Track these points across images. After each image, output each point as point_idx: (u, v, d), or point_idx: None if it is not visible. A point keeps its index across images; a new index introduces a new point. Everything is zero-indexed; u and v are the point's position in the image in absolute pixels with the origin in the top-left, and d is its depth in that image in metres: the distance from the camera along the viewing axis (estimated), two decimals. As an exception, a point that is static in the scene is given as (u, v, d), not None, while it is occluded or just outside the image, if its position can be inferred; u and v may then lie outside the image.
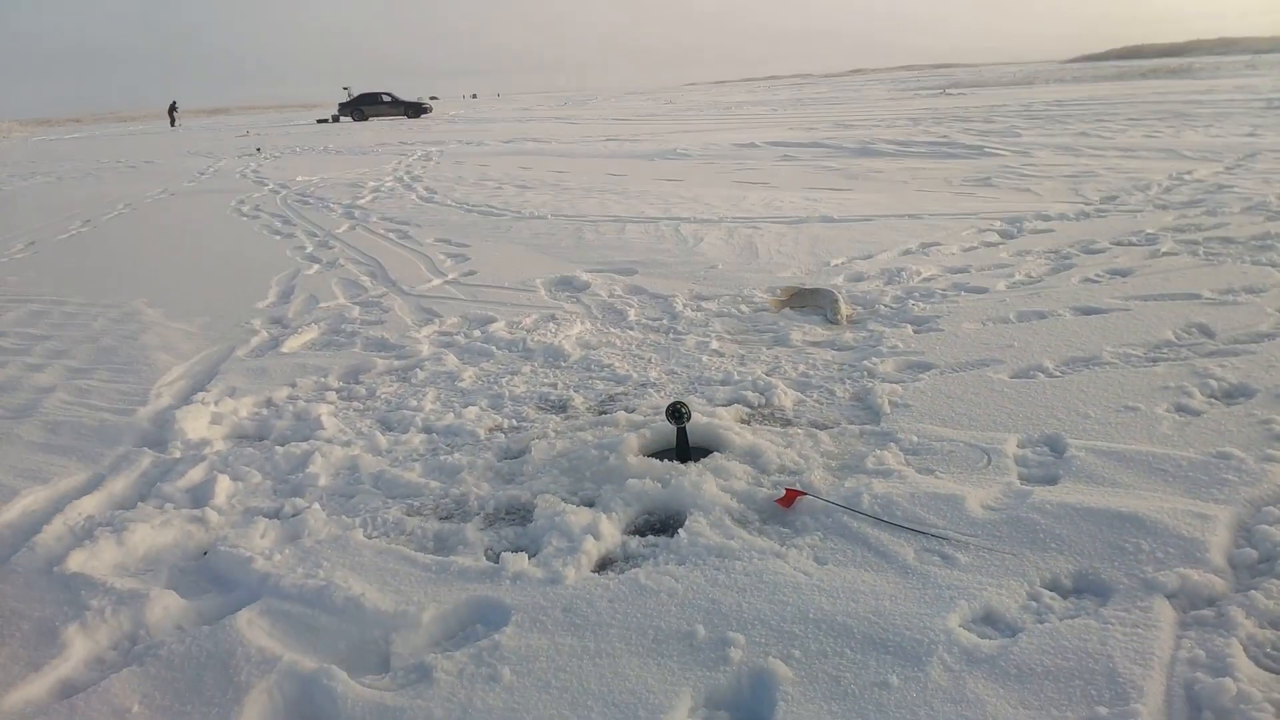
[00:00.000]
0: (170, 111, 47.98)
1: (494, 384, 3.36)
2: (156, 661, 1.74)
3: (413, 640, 1.80)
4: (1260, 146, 9.52)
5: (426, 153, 16.36)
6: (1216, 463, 2.29)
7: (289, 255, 6.38)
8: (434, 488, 2.49)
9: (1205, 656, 1.58)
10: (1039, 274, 4.56)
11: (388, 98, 44.88)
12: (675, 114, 27.50)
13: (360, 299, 4.87)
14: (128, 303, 4.95)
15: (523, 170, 11.69)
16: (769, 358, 3.48)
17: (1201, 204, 6.24)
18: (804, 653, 1.66)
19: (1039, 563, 1.91)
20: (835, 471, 2.43)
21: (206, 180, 13.18)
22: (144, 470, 2.70)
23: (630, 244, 6.02)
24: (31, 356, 3.99)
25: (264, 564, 2.06)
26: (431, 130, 26.20)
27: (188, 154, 20.31)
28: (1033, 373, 3.09)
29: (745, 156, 11.82)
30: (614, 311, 4.32)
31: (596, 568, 2.04)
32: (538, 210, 7.87)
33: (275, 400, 3.29)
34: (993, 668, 1.58)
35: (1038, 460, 2.43)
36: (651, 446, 2.68)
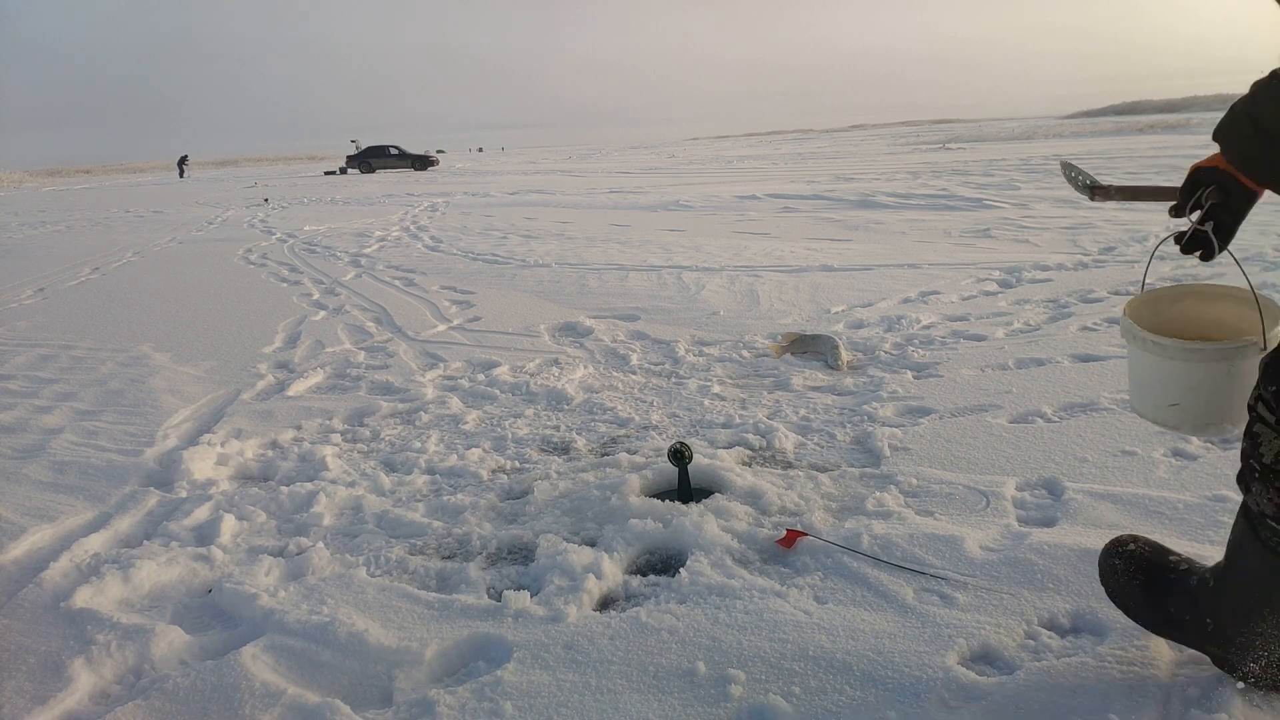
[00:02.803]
0: (180, 164, 48.67)
1: (497, 426, 3.39)
2: (161, 695, 1.75)
3: (415, 676, 1.81)
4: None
5: (433, 204, 16.58)
6: (1212, 505, 2.31)
7: (295, 302, 6.46)
8: (437, 527, 2.51)
9: (1200, 695, 1.59)
10: (1037, 322, 4.61)
11: (395, 151, 45.52)
12: (678, 167, 27.87)
13: (366, 344, 4.93)
14: (135, 347, 5.01)
15: (527, 221, 11.84)
16: (770, 402, 3.52)
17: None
18: (804, 689, 1.67)
19: (1036, 602, 1.92)
20: (835, 513, 2.45)
21: (214, 229, 13.35)
22: (150, 509, 2.72)
23: (633, 291, 6.09)
24: (40, 399, 4.03)
25: (268, 600, 2.08)
26: (438, 182, 26.56)
27: (196, 204, 20.58)
28: (1031, 418, 3.12)
29: (746, 208, 11.97)
30: (617, 356, 4.37)
31: (598, 606, 2.05)
32: (542, 258, 7.96)
33: (280, 442, 3.32)
34: (990, 704, 1.59)
35: (1035, 503, 2.45)
36: (653, 487, 2.71)
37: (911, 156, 26.22)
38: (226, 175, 48.95)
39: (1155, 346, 1.65)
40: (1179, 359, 1.61)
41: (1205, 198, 1.59)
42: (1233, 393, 1.59)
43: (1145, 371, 1.72)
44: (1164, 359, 1.64)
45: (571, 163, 38.55)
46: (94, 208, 21.12)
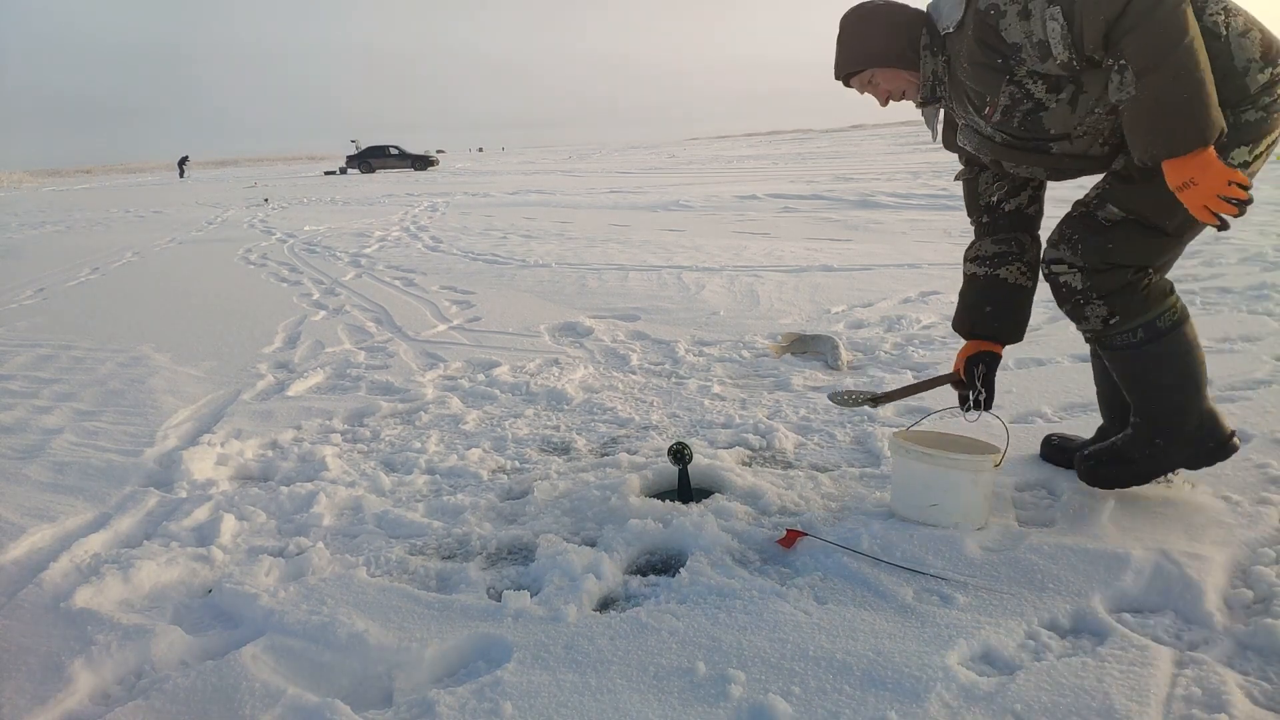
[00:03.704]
0: (180, 164, 48.72)
1: (497, 426, 3.39)
2: (161, 696, 1.75)
3: (415, 676, 1.81)
4: (1256, 199, 9.61)
5: (433, 204, 16.59)
6: (1213, 505, 2.31)
7: (295, 302, 6.46)
8: (437, 528, 2.51)
9: (1201, 694, 1.59)
10: (1037, 322, 4.60)
11: (395, 151, 45.55)
12: (678, 167, 27.88)
13: (366, 344, 4.93)
14: (135, 347, 5.00)
15: (527, 221, 11.84)
16: (770, 402, 3.52)
17: (1198, 255, 6.31)
18: (804, 689, 1.67)
19: (1037, 602, 1.92)
20: (835, 513, 2.45)
21: (214, 229, 13.36)
22: (150, 509, 2.72)
23: (633, 291, 6.09)
24: (40, 399, 4.03)
25: (268, 600, 2.08)
26: (438, 182, 26.58)
27: (196, 204, 20.59)
28: (1031, 418, 3.12)
29: (746, 208, 11.97)
30: (616, 356, 4.37)
31: (598, 606, 2.05)
32: (542, 259, 7.97)
33: (280, 442, 3.32)
34: (990, 704, 1.59)
35: (1035, 502, 2.45)
36: (653, 488, 2.71)
37: (912, 156, 26.22)
38: (226, 175, 48.97)
39: (925, 458, 2.23)
40: (941, 467, 2.20)
41: (979, 376, 2.48)
42: (978, 496, 2.22)
43: (913, 480, 2.28)
44: (930, 467, 2.22)
45: (571, 163, 38.56)
46: (94, 208, 21.13)
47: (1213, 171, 1.90)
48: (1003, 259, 2.42)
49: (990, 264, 2.42)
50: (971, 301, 2.47)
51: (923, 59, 2.24)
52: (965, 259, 2.52)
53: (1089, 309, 2.21)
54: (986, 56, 2.09)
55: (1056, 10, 1.95)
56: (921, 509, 2.27)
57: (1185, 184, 1.93)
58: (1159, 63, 1.85)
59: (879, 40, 2.24)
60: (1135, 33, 1.86)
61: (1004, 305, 2.44)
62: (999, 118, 2.17)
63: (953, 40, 2.17)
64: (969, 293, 2.48)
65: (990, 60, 2.09)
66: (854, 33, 2.26)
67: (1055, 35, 1.96)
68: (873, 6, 2.27)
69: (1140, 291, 2.22)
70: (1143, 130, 1.95)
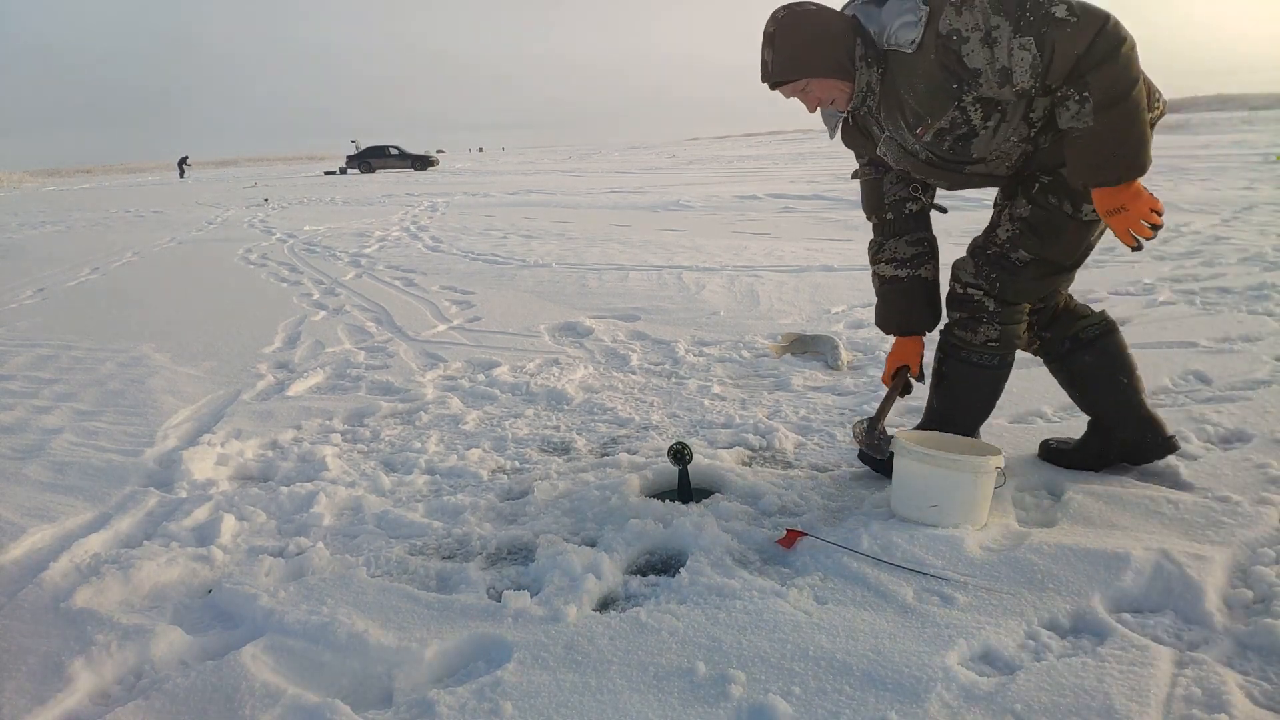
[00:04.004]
0: (180, 164, 48.73)
1: (497, 426, 3.39)
2: (161, 696, 1.75)
3: (415, 676, 1.81)
4: (1257, 200, 9.63)
5: (433, 204, 16.59)
6: (1213, 506, 2.31)
7: (295, 302, 6.46)
8: (437, 528, 2.51)
9: (1201, 694, 1.59)
10: (1037, 322, 4.61)
11: (395, 151, 45.53)
12: (678, 167, 27.88)
13: (366, 344, 4.93)
14: (135, 347, 5.00)
15: (528, 221, 11.84)
16: (770, 402, 3.52)
17: (1199, 255, 6.32)
18: (804, 689, 1.67)
19: (1037, 602, 1.92)
20: (835, 513, 2.45)
21: (214, 229, 13.36)
22: (150, 509, 2.72)
23: (633, 291, 6.09)
24: (40, 399, 4.03)
25: (268, 600, 2.08)
26: (438, 182, 26.59)
27: (196, 204, 20.60)
28: (1031, 418, 3.13)
29: (747, 208, 11.97)
30: (617, 356, 4.37)
31: (598, 606, 2.05)
32: (542, 259, 7.97)
33: (280, 442, 3.32)
34: (990, 704, 1.59)
35: (1036, 503, 2.45)
36: (653, 488, 2.71)
37: (911, 156, 26.19)
38: (226, 175, 48.98)
39: (925, 458, 2.24)
40: (942, 468, 2.21)
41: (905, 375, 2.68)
42: (977, 497, 2.24)
43: (913, 480, 2.28)
44: (931, 468, 2.23)
45: (571, 163, 38.57)
46: (94, 208, 21.13)
47: (1142, 200, 2.10)
48: (920, 260, 2.59)
49: (910, 265, 2.57)
50: (901, 303, 2.61)
51: (858, 70, 2.25)
52: (879, 260, 2.63)
53: (984, 328, 2.49)
54: (944, 79, 2.15)
55: (1029, 40, 2.03)
56: (922, 509, 2.28)
57: (1117, 210, 2.12)
58: (1118, 100, 2.01)
59: (818, 50, 2.23)
60: (1100, 70, 2.00)
61: (930, 301, 2.61)
62: (930, 138, 2.27)
63: (904, 59, 2.20)
64: (895, 295, 2.61)
65: (946, 84, 2.15)
66: (791, 40, 2.23)
67: (1024, 63, 2.05)
68: (806, 13, 2.25)
69: (1021, 328, 2.53)
70: (1091, 158, 2.10)
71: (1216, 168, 14.62)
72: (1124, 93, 2.01)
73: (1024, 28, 2.03)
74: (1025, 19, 2.03)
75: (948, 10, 2.10)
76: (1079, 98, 2.03)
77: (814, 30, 2.22)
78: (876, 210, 2.62)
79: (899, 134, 2.34)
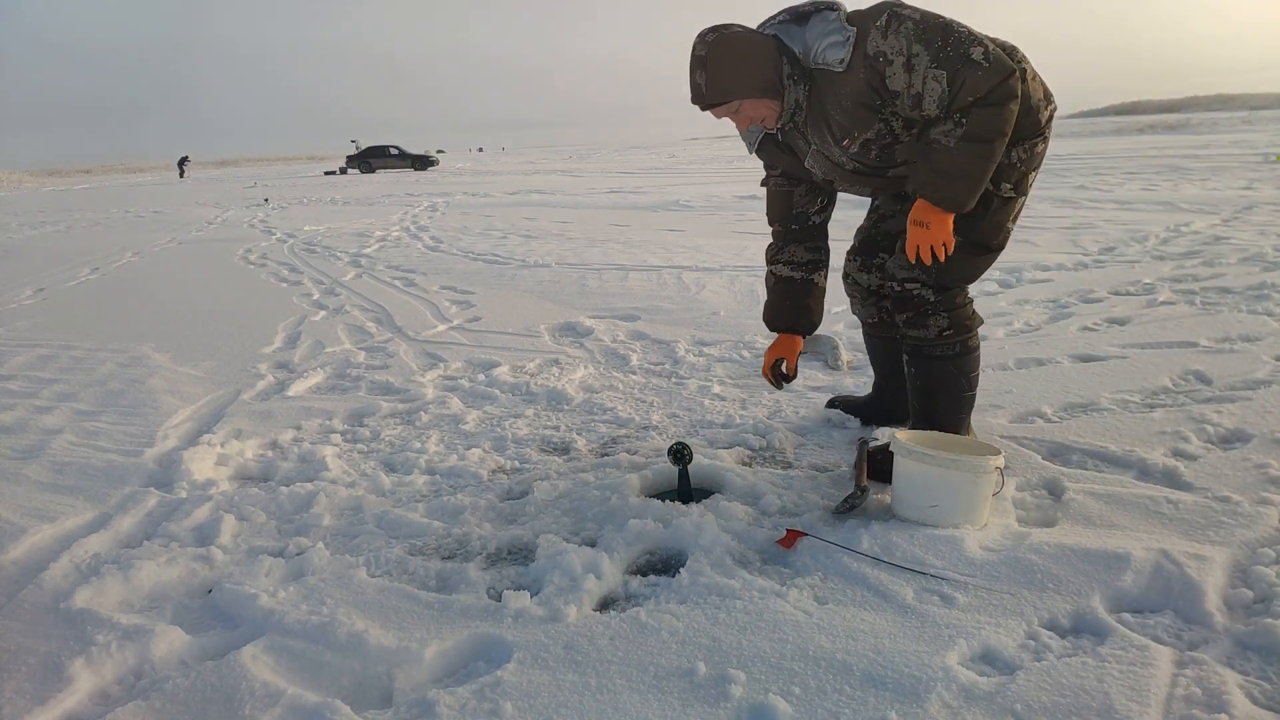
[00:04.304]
0: (180, 164, 48.74)
1: (497, 426, 3.39)
2: (161, 696, 1.75)
3: (415, 676, 1.81)
4: (1256, 200, 9.64)
5: (433, 204, 16.59)
6: (1213, 506, 2.32)
7: (295, 302, 6.46)
8: (437, 528, 2.51)
9: (1201, 694, 1.59)
10: (1037, 322, 4.61)
11: (395, 151, 45.52)
12: (678, 167, 27.87)
13: (366, 344, 4.93)
14: (135, 347, 5.00)
15: (527, 221, 11.84)
16: (770, 402, 3.52)
17: (1199, 255, 6.32)
18: (804, 689, 1.67)
19: (1037, 602, 1.92)
20: (835, 516, 2.45)
21: (214, 230, 13.36)
22: (150, 510, 2.72)
23: (633, 291, 6.09)
24: (39, 399, 4.03)
25: (268, 601, 2.08)
26: (438, 182, 26.59)
27: (196, 204, 20.60)
28: (1031, 418, 3.12)
29: (747, 207, 11.96)
30: (617, 356, 4.37)
31: (598, 606, 2.05)
32: (542, 259, 7.97)
33: (280, 442, 3.32)
34: (991, 704, 1.59)
35: (1036, 503, 2.45)
36: (653, 488, 2.71)
37: (911, 156, 26.19)
38: (226, 175, 48.97)
39: (925, 458, 2.25)
40: (942, 468, 2.22)
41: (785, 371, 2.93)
42: (977, 497, 2.24)
43: (913, 480, 2.29)
44: (931, 468, 2.23)
45: (571, 163, 38.56)
46: (94, 208, 21.13)
47: (945, 229, 2.34)
48: (815, 265, 2.79)
49: (806, 269, 2.76)
50: (793, 302, 2.81)
51: (787, 88, 2.35)
52: (777, 260, 2.82)
53: (933, 320, 2.57)
54: (869, 97, 2.29)
55: (942, 75, 2.19)
56: (922, 509, 2.28)
57: (923, 223, 2.34)
58: (984, 140, 2.22)
59: (749, 71, 2.31)
60: (984, 110, 2.20)
61: (817, 305, 2.82)
62: (857, 149, 2.42)
63: (832, 77, 2.32)
64: (787, 293, 2.81)
65: (871, 101, 2.30)
66: (722, 63, 2.29)
67: (934, 94, 2.21)
68: (735, 36, 2.31)
69: (969, 309, 2.63)
70: (933, 171, 2.29)
71: (1216, 167, 14.63)
72: (991, 136, 2.22)
73: (941, 61, 2.19)
74: (945, 54, 2.19)
75: (874, 33, 2.23)
76: (956, 121, 2.22)
77: (744, 52, 2.30)
78: (782, 219, 2.80)
79: (826, 147, 2.47)
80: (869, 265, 2.83)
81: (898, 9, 2.27)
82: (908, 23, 2.22)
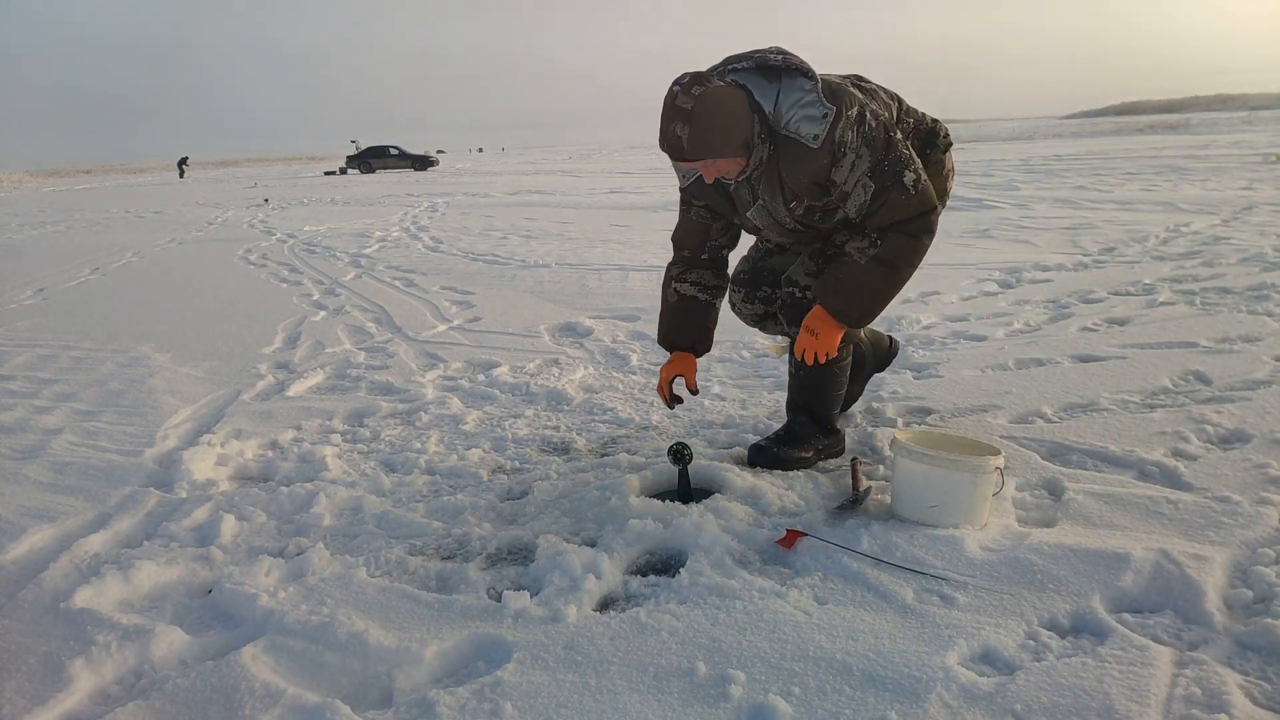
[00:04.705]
0: (180, 164, 48.75)
1: (497, 427, 3.39)
2: (161, 696, 1.75)
3: (415, 676, 1.81)
4: (1256, 200, 9.64)
5: (433, 204, 16.59)
6: (1213, 506, 2.32)
7: (295, 302, 6.46)
8: (437, 528, 2.51)
9: (1201, 694, 1.59)
10: (1037, 323, 4.62)
11: (395, 151, 45.52)
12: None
13: (366, 344, 4.93)
14: (135, 348, 5.01)
15: (527, 221, 11.84)
16: (770, 401, 3.52)
17: (1198, 255, 6.32)
18: (804, 690, 1.67)
19: (1037, 602, 1.92)
20: (835, 513, 2.45)
21: (214, 230, 13.36)
22: (150, 510, 2.72)
23: (633, 291, 6.09)
24: (39, 399, 4.03)
25: (268, 601, 2.08)
26: (438, 183, 26.59)
27: (196, 204, 20.60)
28: (1031, 418, 3.12)
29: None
30: (617, 356, 4.37)
31: (598, 606, 2.05)
32: (542, 259, 7.97)
33: (280, 442, 3.32)
34: (991, 704, 1.59)
35: (1036, 503, 2.45)
36: (653, 488, 2.71)
37: (911, 157, 26.18)
38: (226, 176, 48.97)
39: (926, 458, 2.25)
40: (942, 468, 2.22)
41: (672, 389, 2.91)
42: (977, 497, 2.24)
43: (914, 480, 2.29)
44: (931, 468, 2.23)
45: (572, 163, 38.56)
46: (94, 208, 21.13)
47: (833, 342, 2.53)
48: (719, 291, 2.84)
49: (710, 293, 2.82)
50: (694, 321, 2.83)
51: (755, 147, 2.39)
52: (683, 280, 2.82)
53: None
54: (823, 177, 2.39)
55: (872, 186, 2.36)
56: (922, 509, 2.28)
57: (814, 331, 2.51)
58: (893, 265, 2.40)
59: (734, 133, 2.32)
60: (900, 237, 2.38)
61: (713, 327, 2.88)
62: (802, 212, 2.51)
63: (800, 148, 2.35)
64: (691, 311, 2.82)
65: (825, 179, 2.39)
66: (708, 123, 2.26)
67: (859, 199, 2.39)
68: (718, 94, 2.28)
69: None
70: (837, 282, 2.47)
71: (1216, 168, 14.64)
72: (900, 263, 2.40)
73: (876, 174, 2.34)
74: (881, 168, 2.34)
75: (844, 120, 2.31)
76: (873, 240, 2.40)
77: (728, 113, 2.30)
78: (695, 248, 2.82)
79: (773, 204, 2.53)
80: (753, 296, 2.91)
81: (866, 107, 2.35)
82: (869, 125, 2.33)
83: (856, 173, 2.34)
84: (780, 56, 2.39)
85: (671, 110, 2.28)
